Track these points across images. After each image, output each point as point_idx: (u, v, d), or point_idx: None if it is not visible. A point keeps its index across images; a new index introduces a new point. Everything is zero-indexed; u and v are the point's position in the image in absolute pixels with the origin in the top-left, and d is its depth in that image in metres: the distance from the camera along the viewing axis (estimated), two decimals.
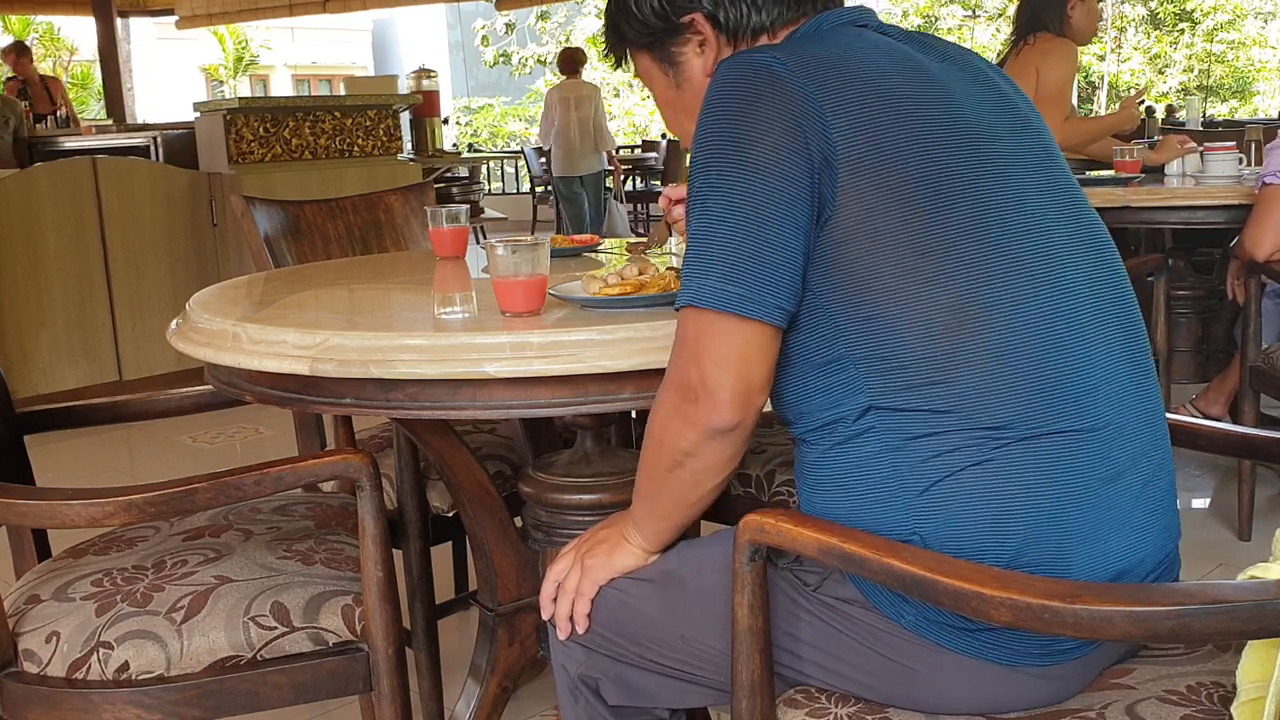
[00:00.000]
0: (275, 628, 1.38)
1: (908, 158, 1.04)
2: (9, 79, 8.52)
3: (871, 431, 1.06)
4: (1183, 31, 19.63)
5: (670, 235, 1.61)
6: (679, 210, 1.50)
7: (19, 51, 8.61)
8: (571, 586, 1.24)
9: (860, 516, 1.08)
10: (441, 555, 2.25)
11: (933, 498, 1.04)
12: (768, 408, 1.13)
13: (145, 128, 6.87)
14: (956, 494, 1.04)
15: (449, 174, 8.44)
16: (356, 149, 5.46)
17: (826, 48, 1.11)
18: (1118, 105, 4.16)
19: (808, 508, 1.14)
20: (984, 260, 1.04)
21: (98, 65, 9.69)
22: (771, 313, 1.05)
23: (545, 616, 1.27)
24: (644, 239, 2.08)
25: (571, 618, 1.24)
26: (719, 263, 1.04)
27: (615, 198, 8.96)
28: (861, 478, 1.08)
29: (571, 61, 8.43)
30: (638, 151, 11.89)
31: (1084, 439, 1.05)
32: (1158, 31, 19.92)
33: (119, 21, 9.76)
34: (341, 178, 5.23)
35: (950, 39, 1.84)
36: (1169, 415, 1.22)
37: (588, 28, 20.44)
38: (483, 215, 8.87)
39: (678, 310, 1.09)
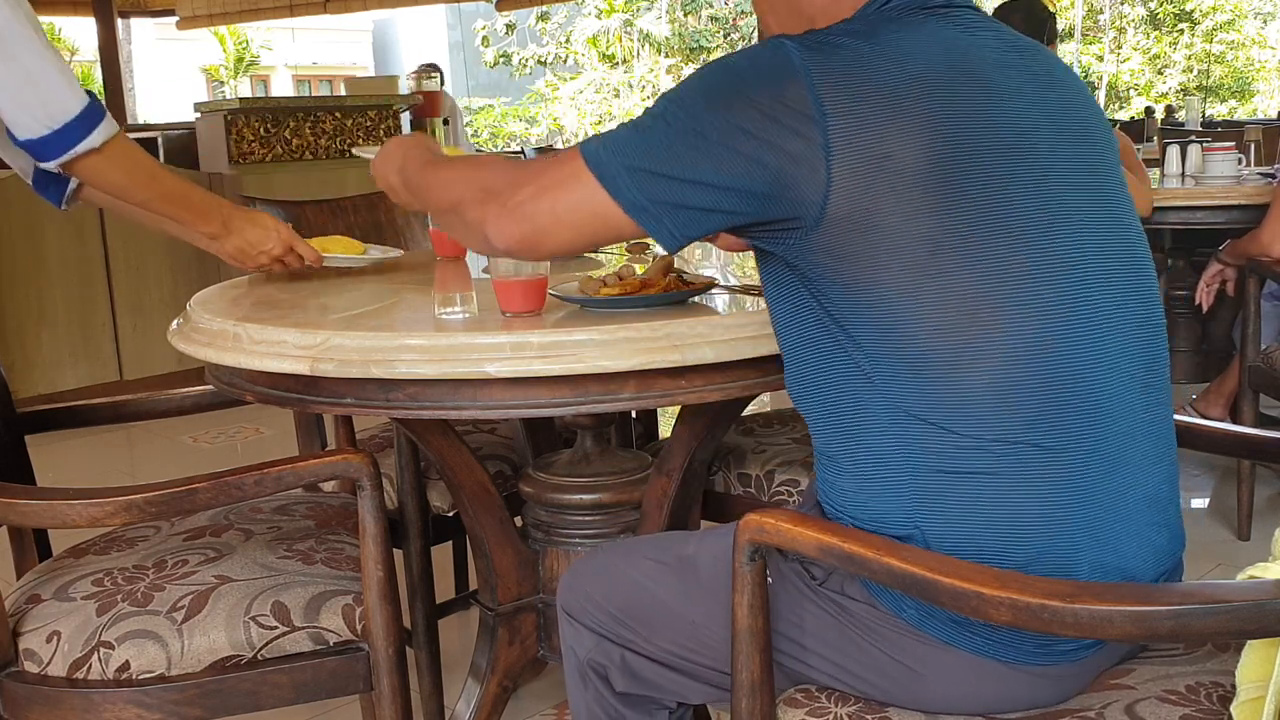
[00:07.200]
0: (276, 627, 1.38)
1: (919, 156, 1.01)
2: None
3: (883, 423, 1.06)
4: (1182, 32, 19.64)
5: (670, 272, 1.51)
6: None
7: None
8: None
9: (865, 501, 1.09)
10: (441, 555, 2.25)
11: (938, 497, 1.04)
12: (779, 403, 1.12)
13: (146, 128, 6.86)
14: (961, 497, 1.04)
15: None
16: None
17: (871, 41, 1.06)
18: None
19: (824, 490, 1.15)
20: (1001, 261, 1.02)
21: (98, 66, 9.69)
22: (646, 219, 1.06)
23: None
24: (644, 241, 2.08)
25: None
26: (634, 156, 1.05)
27: None
28: (873, 463, 1.08)
29: None
30: None
31: (1091, 457, 1.05)
32: (1157, 32, 19.92)
33: (119, 22, 9.75)
34: (342, 178, 5.22)
35: None
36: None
37: (588, 28, 20.43)
38: None
39: (576, 149, 1.09)
